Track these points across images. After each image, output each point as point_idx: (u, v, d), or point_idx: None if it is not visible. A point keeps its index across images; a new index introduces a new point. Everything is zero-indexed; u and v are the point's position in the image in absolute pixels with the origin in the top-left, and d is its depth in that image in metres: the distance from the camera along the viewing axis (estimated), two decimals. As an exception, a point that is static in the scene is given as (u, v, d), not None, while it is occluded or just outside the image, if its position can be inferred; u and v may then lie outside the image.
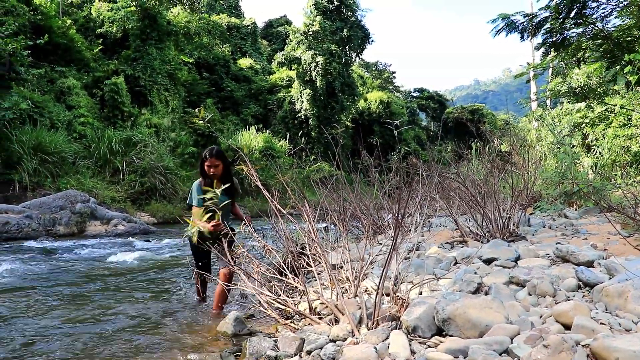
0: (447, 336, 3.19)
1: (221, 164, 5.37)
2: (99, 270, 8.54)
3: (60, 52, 25.36)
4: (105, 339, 4.36)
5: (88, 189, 18.12)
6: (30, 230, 13.35)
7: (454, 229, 7.21)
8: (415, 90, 59.19)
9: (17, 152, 17.53)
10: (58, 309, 5.56)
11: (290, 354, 3.53)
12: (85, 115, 22.91)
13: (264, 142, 30.61)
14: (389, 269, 3.81)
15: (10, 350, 4.07)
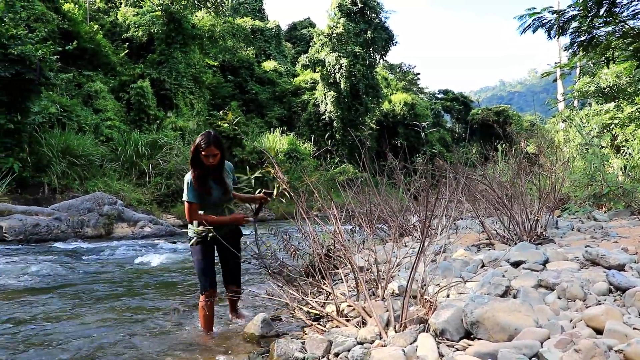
0: (476, 339, 3.16)
1: (219, 152, 4.61)
2: (126, 272, 8.63)
3: (88, 57, 25.71)
4: (132, 340, 4.40)
5: (115, 191, 18.32)
6: (60, 232, 13.55)
7: (480, 232, 7.15)
8: (439, 91, 58.80)
9: (47, 155, 17.80)
10: (85, 310, 5.63)
11: (318, 356, 3.53)
12: (112, 119, 23.19)
13: (288, 145, 30.67)
14: (416, 272, 3.79)
15: (35, 349, 4.13)
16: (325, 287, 4.47)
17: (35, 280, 7.60)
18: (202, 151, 4.50)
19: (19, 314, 5.41)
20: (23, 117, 16.65)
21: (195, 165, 4.58)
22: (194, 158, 4.56)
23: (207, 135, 4.54)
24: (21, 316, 5.31)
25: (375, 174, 8.00)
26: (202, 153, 4.51)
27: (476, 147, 18.46)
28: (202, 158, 4.53)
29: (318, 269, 4.68)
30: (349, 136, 35.44)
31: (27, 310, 5.59)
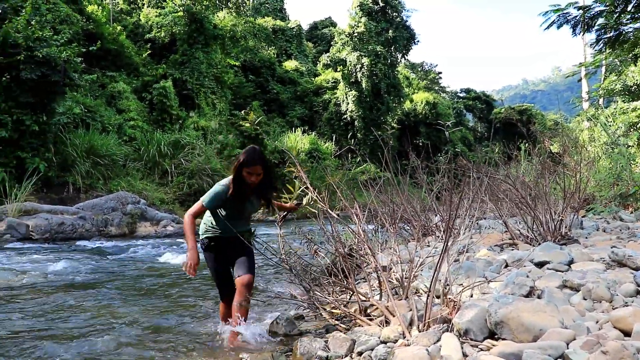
0: (500, 340, 3.14)
1: (264, 170, 4.32)
2: (151, 270, 8.71)
3: (111, 58, 25.97)
4: (157, 337, 4.44)
5: (138, 191, 18.49)
6: (84, 230, 13.71)
7: (503, 232, 7.10)
8: (461, 90, 58.48)
9: (71, 155, 18.03)
10: (112, 307, 5.69)
11: (341, 354, 3.54)
12: (134, 119, 23.40)
13: (309, 144, 30.70)
14: (439, 271, 3.77)
15: (61, 344, 4.18)
16: (348, 286, 4.46)
17: (62, 278, 7.71)
18: (245, 169, 4.21)
19: (46, 310, 5.49)
20: (48, 118, 16.86)
21: (237, 184, 4.27)
22: (237, 176, 4.26)
23: (251, 152, 4.26)
24: (49, 312, 5.39)
25: (397, 174, 7.96)
26: (246, 171, 4.22)
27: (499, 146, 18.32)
28: (245, 176, 4.24)
29: (341, 268, 4.68)
30: (370, 135, 35.39)
31: (54, 307, 5.67)
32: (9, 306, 5.72)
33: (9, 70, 15.76)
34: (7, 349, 4.12)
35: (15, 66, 15.64)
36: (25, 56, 15.50)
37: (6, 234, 12.53)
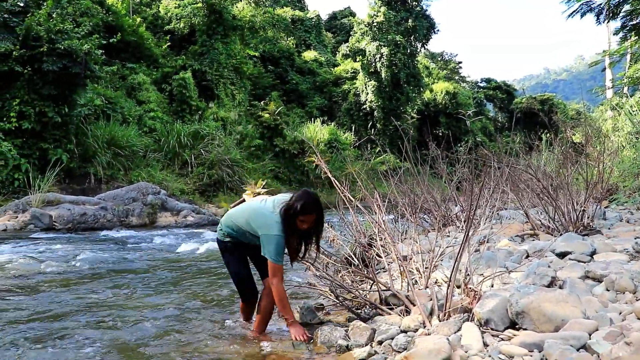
0: (521, 330, 3.15)
1: (316, 216, 3.99)
2: (170, 261, 8.78)
3: (131, 50, 26.11)
4: (178, 326, 4.48)
5: (158, 181, 18.63)
6: (106, 220, 13.86)
7: (524, 222, 7.04)
8: (482, 80, 57.92)
9: (92, 146, 18.21)
10: (131, 297, 5.75)
11: (362, 343, 3.55)
12: (154, 110, 23.54)
13: (329, 135, 30.66)
14: (460, 261, 3.76)
15: (82, 333, 4.23)
16: (368, 275, 4.46)
17: (84, 268, 7.80)
18: (301, 217, 3.90)
19: (69, 298, 5.56)
20: (70, 110, 17.04)
21: (289, 229, 3.96)
22: (288, 222, 3.92)
23: (309, 201, 3.91)
24: (72, 301, 5.45)
25: (417, 164, 7.93)
26: (300, 218, 3.90)
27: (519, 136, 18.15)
28: (298, 223, 3.93)
29: (361, 258, 4.68)
30: (390, 126, 35.24)
31: (77, 295, 5.75)
32: (33, 294, 5.80)
33: (31, 62, 15.94)
34: (31, 335, 4.19)
35: (38, 58, 15.82)
36: (48, 48, 15.67)
37: (30, 224, 12.71)
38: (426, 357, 2.91)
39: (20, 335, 4.22)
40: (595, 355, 2.61)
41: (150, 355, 3.74)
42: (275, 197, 4.20)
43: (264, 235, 3.93)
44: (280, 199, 4.07)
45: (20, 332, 4.30)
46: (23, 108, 16.01)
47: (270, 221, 3.92)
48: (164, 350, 3.83)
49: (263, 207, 4.05)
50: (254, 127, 27.45)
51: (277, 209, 3.96)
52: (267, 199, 4.17)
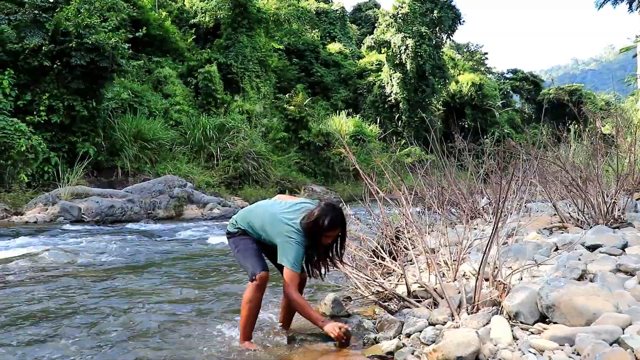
0: (551, 323, 3.10)
1: (341, 232, 3.86)
2: (197, 252, 8.86)
3: (157, 43, 26.30)
4: (204, 317, 4.51)
5: (184, 174, 18.76)
6: (133, 213, 14.01)
7: (552, 215, 6.94)
8: (508, 71, 57.25)
9: (120, 139, 18.41)
10: (159, 288, 5.80)
11: (390, 336, 3.53)
12: (180, 103, 23.69)
13: (354, 127, 30.59)
14: (488, 254, 3.72)
15: (110, 323, 4.28)
16: (396, 268, 4.44)
17: (113, 259, 7.90)
18: (327, 231, 3.70)
19: (98, 289, 5.63)
20: (97, 103, 17.28)
21: (311, 244, 3.78)
22: (313, 237, 3.73)
23: (334, 216, 3.70)
24: (100, 292, 5.52)
25: (444, 156, 7.87)
26: (327, 233, 3.72)
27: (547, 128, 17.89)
28: (323, 238, 3.76)
29: (388, 251, 4.65)
30: (415, 118, 35.05)
31: (106, 286, 5.82)
32: (63, 285, 5.89)
33: (60, 57, 16.19)
34: (60, 324, 4.25)
35: (67, 53, 16.07)
36: (76, 43, 15.90)
37: (60, 216, 12.91)
38: (455, 350, 2.89)
39: (51, 323, 4.29)
40: (629, 350, 2.56)
41: (175, 345, 3.77)
42: (293, 202, 4.01)
43: (282, 242, 3.72)
44: (301, 207, 3.88)
45: (50, 320, 4.37)
46: (52, 102, 16.29)
47: (290, 230, 3.71)
48: (189, 341, 3.86)
49: (282, 214, 3.82)
50: (279, 119, 27.49)
51: (298, 218, 3.74)
52: (285, 202, 3.99)
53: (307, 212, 3.75)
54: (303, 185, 22.99)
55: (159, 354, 3.55)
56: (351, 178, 25.88)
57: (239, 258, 3.93)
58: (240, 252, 3.90)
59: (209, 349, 3.68)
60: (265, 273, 3.75)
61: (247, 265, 3.82)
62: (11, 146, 13.95)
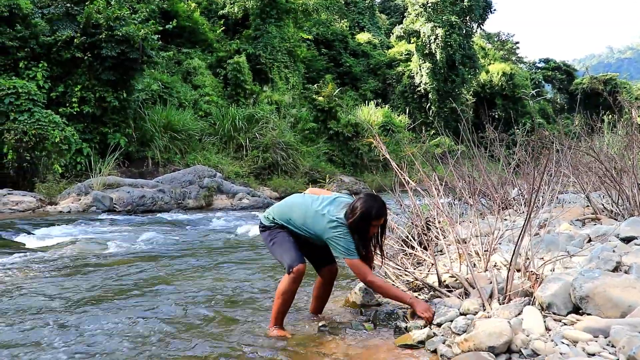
0: (584, 315, 3.06)
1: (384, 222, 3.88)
2: (227, 242, 8.92)
3: (186, 35, 26.45)
4: (233, 307, 4.53)
5: (214, 165, 18.89)
6: (163, 203, 14.16)
7: (584, 206, 6.82)
8: (540, 60, 56.36)
9: (150, 130, 18.62)
10: (190, 277, 5.86)
11: (420, 325, 3.52)
12: (210, 94, 23.83)
13: (383, 117, 30.44)
14: (521, 244, 3.67)
15: (142, 312, 4.33)
16: (427, 257, 4.41)
17: (145, 248, 8.01)
18: (372, 221, 3.71)
19: (130, 279, 5.71)
20: (128, 95, 17.47)
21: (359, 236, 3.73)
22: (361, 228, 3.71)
23: (381, 206, 3.75)
24: (133, 281, 5.60)
25: (474, 147, 7.78)
26: (374, 223, 3.73)
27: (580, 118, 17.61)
28: (371, 230, 3.77)
29: (418, 241, 4.63)
30: (445, 108, 34.77)
31: (138, 276, 5.90)
32: (96, 274, 5.98)
33: (91, 49, 16.42)
34: (91, 313, 4.31)
35: (98, 45, 16.29)
36: (106, 35, 16.11)
37: (92, 206, 13.11)
38: (487, 340, 2.87)
39: (85, 308, 4.36)
40: (666, 343, 2.51)
41: (203, 332, 3.80)
42: (329, 197, 3.97)
43: (331, 237, 3.70)
44: (340, 201, 3.87)
45: (85, 306, 4.44)
46: (84, 93, 16.56)
47: (336, 224, 3.70)
48: (218, 329, 3.89)
49: (323, 210, 3.81)
50: (308, 110, 27.48)
51: (340, 213, 3.74)
52: (321, 198, 3.95)
53: (348, 206, 3.76)
54: (332, 176, 22.97)
55: (187, 343, 3.58)
56: (380, 169, 25.77)
57: (275, 250, 3.93)
58: (277, 245, 3.90)
59: (240, 337, 3.71)
60: (303, 266, 3.74)
61: (284, 257, 3.80)
62: (46, 137, 14.20)
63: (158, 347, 3.49)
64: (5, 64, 16.16)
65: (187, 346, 3.50)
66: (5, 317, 4.19)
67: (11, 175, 14.02)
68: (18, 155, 13.82)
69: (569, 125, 20.07)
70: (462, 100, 35.88)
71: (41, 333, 3.75)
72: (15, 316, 4.21)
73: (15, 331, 3.79)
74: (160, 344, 3.53)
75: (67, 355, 3.31)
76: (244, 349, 3.45)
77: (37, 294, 4.98)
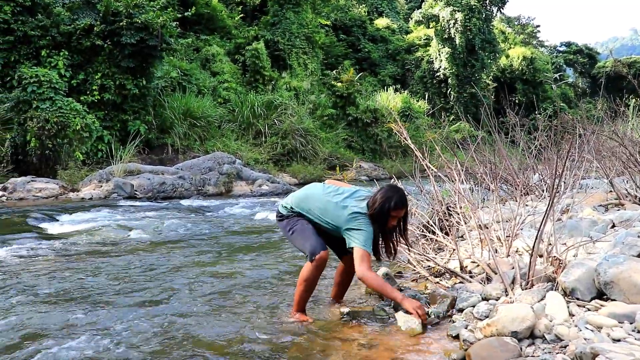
0: (609, 300, 3.02)
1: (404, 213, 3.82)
2: (247, 228, 8.95)
3: (204, 22, 26.49)
4: (257, 292, 4.55)
5: (233, 151, 18.96)
6: (183, 189, 14.24)
7: (607, 191, 6.74)
8: (561, 44, 55.60)
9: (169, 117, 18.73)
10: (211, 263, 5.89)
11: (442, 311, 3.52)
12: (228, 81, 23.87)
13: (402, 103, 30.29)
14: (543, 230, 3.64)
15: (165, 296, 4.37)
16: (448, 243, 4.39)
17: (166, 234, 8.07)
18: (392, 212, 3.69)
19: (152, 264, 5.75)
20: (147, 82, 17.57)
21: (380, 227, 3.73)
22: (382, 219, 3.70)
23: (402, 196, 3.73)
24: (155, 267, 5.64)
25: (495, 132, 7.71)
26: (393, 214, 3.70)
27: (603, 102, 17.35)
28: (389, 220, 3.73)
29: (439, 226, 4.61)
30: (464, 93, 34.47)
31: (159, 261, 5.94)
32: (118, 260, 6.04)
33: (111, 37, 16.52)
34: (115, 298, 4.36)
35: (117, 33, 16.39)
36: (126, 23, 16.16)
37: (113, 193, 13.23)
38: (510, 325, 2.86)
39: (108, 293, 4.42)
40: (693, 328, 2.48)
41: (225, 317, 3.82)
42: (349, 189, 3.95)
43: (351, 227, 3.68)
44: (360, 194, 3.85)
45: (108, 291, 4.50)
46: (104, 81, 16.70)
47: (356, 214, 3.68)
48: (239, 314, 3.91)
49: (344, 201, 3.79)
50: (327, 96, 27.41)
51: (362, 204, 3.73)
52: (341, 189, 3.93)
53: (369, 198, 3.75)
54: (351, 162, 22.95)
55: (209, 327, 3.61)
56: (399, 154, 25.69)
57: (295, 239, 3.90)
58: (297, 233, 3.87)
59: (261, 321, 3.73)
60: (325, 253, 3.72)
61: (306, 245, 3.77)
62: (67, 125, 14.33)
63: (181, 331, 3.52)
64: (28, 52, 16.38)
65: (209, 330, 3.53)
66: (31, 302, 4.25)
67: (34, 163, 14.18)
68: (40, 142, 13.97)
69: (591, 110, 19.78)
70: (481, 85, 35.52)
71: (66, 317, 3.80)
72: (41, 301, 4.26)
73: (41, 316, 3.85)
74: (182, 329, 3.56)
75: (90, 340, 3.35)
76: (266, 333, 3.47)
77: (62, 279, 5.04)
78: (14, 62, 16.22)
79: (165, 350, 3.20)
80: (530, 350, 2.79)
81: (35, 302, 4.26)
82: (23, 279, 5.09)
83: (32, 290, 4.63)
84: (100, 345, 3.28)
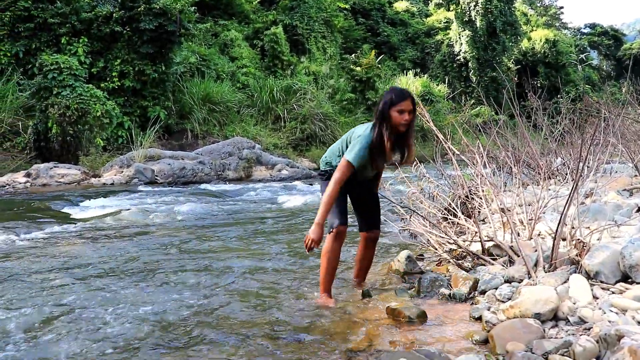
0: (634, 284, 2.98)
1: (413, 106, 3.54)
2: (268, 212, 8.99)
3: (222, 7, 26.46)
4: (276, 275, 4.57)
5: (252, 136, 19.01)
6: (203, 174, 14.32)
7: (632, 176, 6.64)
8: (586, 26, 54.77)
9: (189, 103, 18.81)
10: (232, 247, 5.92)
11: (464, 293, 3.51)
12: (247, 66, 23.86)
13: (422, 87, 30.11)
14: (567, 213, 3.59)
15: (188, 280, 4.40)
16: (470, 225, 4.36)
17: (187, 219, 8.12)
18: (395, 108, 3.47)
19: (175, 249, 5.79)
20: (167, 68, 17.64)
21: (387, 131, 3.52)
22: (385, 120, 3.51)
23: (398, 89, 3.60)
24: (177, 250, 5.69)
25: (516, 115, 7.63)
26: (396, 109, 3.47)
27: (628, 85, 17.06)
28: (395, 117, 3.49)
29: (461, 209, 4.57)
30: (485, 77, 34.14)
31: (183, 245, 5.97)
32: (141, 244, 6.09)
33: (130, 23, 16.60)
34: (139, 282, 4.40)
35: (136, 19, 16.45)
36: (144, 8, 16.22)
37: (134, 178, 13.33)
38: (533, 307, 2.83)
39: (132, 277, 4.46)
40: None
41: (248, 302, 3.84)
42: None
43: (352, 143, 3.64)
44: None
45: (132, 275, 4.54)
46: (124, 67, 16.81)
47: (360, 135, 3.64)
48: (263, 297, 3.92)
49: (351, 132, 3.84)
50: (346, 80, 27.30)
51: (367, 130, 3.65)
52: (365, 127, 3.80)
53: None
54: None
55: (233, 311, 3.61)
56: (419, 139, 25.56)
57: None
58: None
59: (284, 304, 3.73)
60: (343, 227, 3.72)
61: (329, 216, 3.70)
62: (88, 112, 14.44)
63: (205, 314, 3.53)
64: (48, 40, 16.52)
65: (233, 314, 3.53)
66: (57, 285, 4.30)
67: (56, 149, 14.31)
68: (62, 129, 14.09)
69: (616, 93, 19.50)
70: (503, 68, 35.14)
71: (92, 301, 3.83)
72: (65, 285, 4.31)
73: (65, 300, 3.88)
74: (206, 312, 3.58)
75: (115, 322, 3.39)
76: (289, 315, 3.48)
77: (86, 263, 5.09)
78: (34, 49, 16.38)
79: (197, 330, 3.24)
80: (554, 332, 2.76)
81: (58, 284, 4.31)
82: (55, 259, 5.18)
83: (54, 273, 4.69)
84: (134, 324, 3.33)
